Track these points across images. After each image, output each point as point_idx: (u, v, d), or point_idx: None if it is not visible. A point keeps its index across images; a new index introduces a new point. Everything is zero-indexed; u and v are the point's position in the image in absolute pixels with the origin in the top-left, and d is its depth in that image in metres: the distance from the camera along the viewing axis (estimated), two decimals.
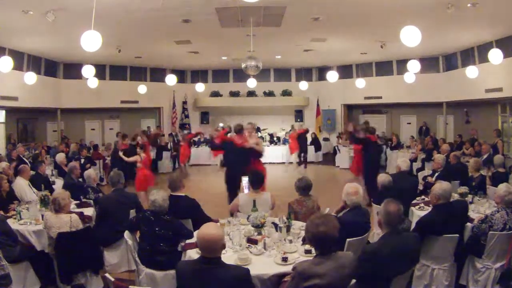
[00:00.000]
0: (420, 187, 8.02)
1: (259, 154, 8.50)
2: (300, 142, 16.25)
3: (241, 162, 8.09)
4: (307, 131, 16.96)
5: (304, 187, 5.60)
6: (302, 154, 16.52)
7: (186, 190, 5.76)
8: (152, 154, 15.71)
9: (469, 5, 8.54)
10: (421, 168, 11.66)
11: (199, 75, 19.85)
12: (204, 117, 20.11)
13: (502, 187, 4.91)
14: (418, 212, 5.96)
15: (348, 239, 4.22)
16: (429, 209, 5.83)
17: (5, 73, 10.62)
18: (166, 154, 16.19)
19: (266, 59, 14.06)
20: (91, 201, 6.73)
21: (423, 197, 6.68)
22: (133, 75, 18.20)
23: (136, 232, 4.91)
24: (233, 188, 8.17)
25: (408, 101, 17.10)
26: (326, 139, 19.70)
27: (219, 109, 20.08)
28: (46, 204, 5.86)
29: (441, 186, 4.87)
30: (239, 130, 8.55)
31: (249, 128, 8.84)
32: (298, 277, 3.13)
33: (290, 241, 4.37)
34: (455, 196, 6.23)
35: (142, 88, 16.65)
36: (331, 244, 3.24)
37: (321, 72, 19.44)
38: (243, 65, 10.93)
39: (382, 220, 3.67)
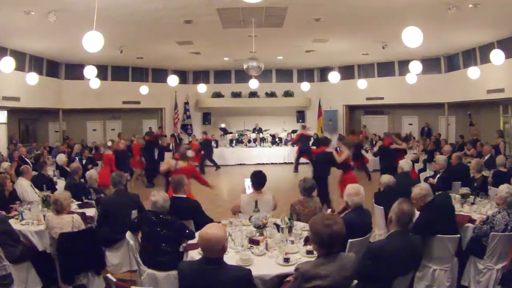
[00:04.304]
0: None
1: None
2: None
3: None
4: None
5: (309, 188, 5.61)
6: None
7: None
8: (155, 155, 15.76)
9: (470, 5, 8.55)
10: (423, 169, 11.65)
11: (201, 76, 19.83)
12: (206, 118, 20.09)
13: (504, 188, 4.92)
14: (419, 213, 5.94)
15: (349, 240, 4.22)
16: None
17: (7, 73, 10.65)
18: (168, 155, 16.15)
19: (267, 60, 14.09)
20: (93, 201, 6.73)
21: None
22: (135, 76, 18.21)
23: (138, 232, 4.91)
24: None
25: (409, 101, 17.12)
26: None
27: (221, 110, 20.08)
28: (48, 205, 5.85)
29: (421, 188, 5.00)
30: None
31: None
32: (300, 278, 3.12)
33: (292, 242, 4.36)
34: (457, 197, 6.22)
35: (144, 89, 16.69)
36: (340, 243, 3.26)
37: (323, 73, 19.45)
38: (245, 66, 10.96)
39: (394, 219, 3.69)
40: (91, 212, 6.23)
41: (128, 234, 4.77)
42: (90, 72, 11.88)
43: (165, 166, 7.89)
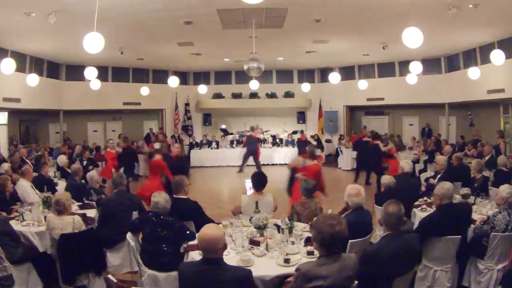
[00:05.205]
0: (423, 188, 8.03)
1: None
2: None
3: None
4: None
5: (311, 189, 5.62)
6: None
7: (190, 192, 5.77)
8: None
9: (470, 6, 8.54)
10: (424, 170, 11.66)
11: (201, 77, 19.84)
12: (207, 119, 20.10)
13: (505, 188, 4.90)
14: (420, 213, 5.96)
15: (350, 240, 4.23)
16: (431, 210, 5.84)
17: (8, 74, 10.65)
18: None
19: (268, 61, 14.09)
20: (94, 202, 6.74)
21: (425, 198, 6.67)
22: (136, 77, 18.21)
23: (139, 233, 4.92)
24: None
25: (410, 102, 17.09)
26: (328, 141, 19.68)
27: (221, 111, 20.09)
28: (48, 206, 5.87)
29: (443, 186, 4.89)
30: None
31: None
32: (301, 278, 3.13)
33: (293, 243, 4.36)
34: (458, 198, 6.22)
35: (144, 90, 16.70)
36: (342, 244, 3.26)
37: (323, 73, 19.44)
38: (245, 67, 10.96)
39: (382, 221, 3.71)
40: (91, 213, 6.24)
41: (129, 235, 4.78)
42: (90, 73, 11.86)
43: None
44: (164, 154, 9.36)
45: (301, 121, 20.19)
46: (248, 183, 6.60)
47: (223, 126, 19.70)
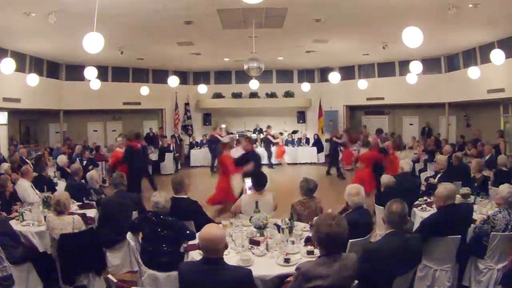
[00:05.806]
0: (423, 188, 8.02)
1: None
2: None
3: None
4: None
5: (312, 189, 5.61)
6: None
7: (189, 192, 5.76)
8: (155, 155, 15.76)
9: (470, 5, 8.55)
10: (424, 169, 11.65)
11: (201, 76, 19.84)
12: (207, 118, 20.09)
13: (505, 188, 4.90)
14: (420, 213, 5.95)
15: (350, 240, 4.22)
16: (431, 210, 5.84)
17: (8, 74, 10.65)
18: (168, 156, 16.18)
19: (268, 61, 14.09)
20: (94, 202, 6.74)
21: (425, 198, 6.67)
22: (135, 77, 18.23)
23: (139, 233, 4.92)
24: None
25: (410, 102, 17.11)
26: (328, 140, 19.65)
27: (221, 111, 20.06)
28: (48, 206, 5.86)
29: (446, 187, 4.86)
30: None
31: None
32: (301, 277, 3.13)
33: (293, 242, 4.35)
34: (458, 197, 6.22)
35: (144, 90, 16.69)
36: (341, 244, 3.27)
37: (323, 73, 19.43)
38: (245, 67, 10.96)
39: (385, 219, 3.73)
40: (91, 213, 6.23)
41: (129, 235, 4.78)
42: (90, 73, 11.83)
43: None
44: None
45: (301, 121, 20.19)
46: (248, 183, 6.56)
47: (223, 126, 19.69)
